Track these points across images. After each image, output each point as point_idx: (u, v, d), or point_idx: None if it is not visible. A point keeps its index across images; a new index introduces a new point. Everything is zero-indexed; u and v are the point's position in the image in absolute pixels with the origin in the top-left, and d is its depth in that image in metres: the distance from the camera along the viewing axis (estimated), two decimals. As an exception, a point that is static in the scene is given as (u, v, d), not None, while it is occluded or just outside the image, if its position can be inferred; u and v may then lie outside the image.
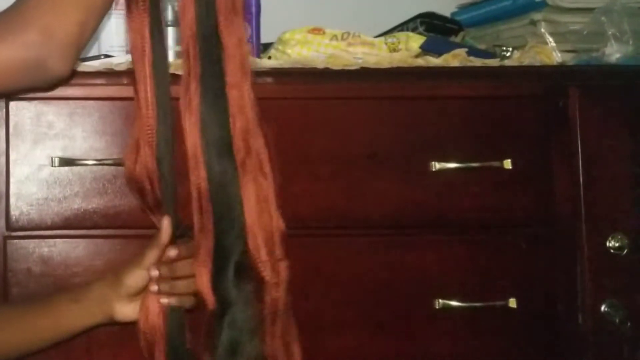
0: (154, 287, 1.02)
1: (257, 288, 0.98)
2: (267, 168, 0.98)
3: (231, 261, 0.97)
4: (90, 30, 0.92)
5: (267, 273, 0.97)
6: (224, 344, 0.97)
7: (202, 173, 0.97)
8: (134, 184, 1.02)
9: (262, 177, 0.98)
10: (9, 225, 1.13)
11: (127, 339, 1.07)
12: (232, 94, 0.97)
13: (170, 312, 1.02)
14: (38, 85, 0.98)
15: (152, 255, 1.03)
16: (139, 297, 1.04)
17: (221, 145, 0.97)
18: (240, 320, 0.97)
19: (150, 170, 1.00)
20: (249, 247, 0.97)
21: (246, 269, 0.97)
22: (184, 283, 1.02)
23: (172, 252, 1.02)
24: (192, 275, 1.00)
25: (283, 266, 0.98)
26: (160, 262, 1.02)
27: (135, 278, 1.03)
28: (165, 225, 1.02)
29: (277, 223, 0.98)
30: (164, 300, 1.02)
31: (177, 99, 0.99)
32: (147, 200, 1.02)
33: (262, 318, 0.98)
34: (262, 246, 0.97)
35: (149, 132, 1.00)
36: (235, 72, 0.97)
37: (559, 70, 1.26)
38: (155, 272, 1.02)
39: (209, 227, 0.97)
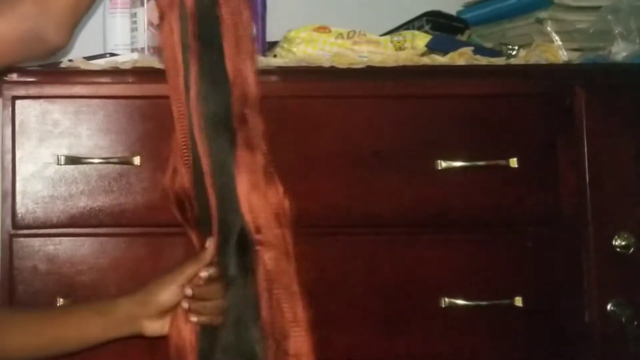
0: (185, 305, 1.02)
1: (257, 263, 1.00)
2: (262, 142, 1.00)
3: (232, 236, 0.99)
4: (87, 1, 0.94)
5: (267, 247, 0.99)
6: (227, 321, 0.99)
7: (204, 148, 0.99)
8: (174, 202, 1.04)
9: (257, 149, 1.00)
10: (15, 223, 1.14)
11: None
12: (230, 67, 0.98)
13: (201, 329, 1.03)
14: (37, 57, 0.99)
15: (189, 272, 1.03)
16: (168, 314, 1.04)
17: (220, 118, 0.99)
18: (242, 296, 0.98)
19: (187, 189, 1.02)
20: (248, 221, 0.98)
21: (246, 244, 0.99)
22: (213, 304, 1.02)
23: (204, 274, 1.02)
24: (221, 297, 1.01)
25: (288, 236, 1.00)
26: (192, 282, 1.03)
27: (169, 294, 1.03)
28: (210, 246, 1.03)
29: (275, 197, 0.99)
30: (194, 319, 1.02)
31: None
32: (187, 218, 1.04)
33: (263, 294, 0.99)
34: (256, 219, 0.98)
35: (185, 151, 1.01)
36: (232, 46, 0.99)
37: (565, 68, 1.25)
38: (189, 291, 1.02)
39: (212, 203, 0.99)
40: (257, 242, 1.00)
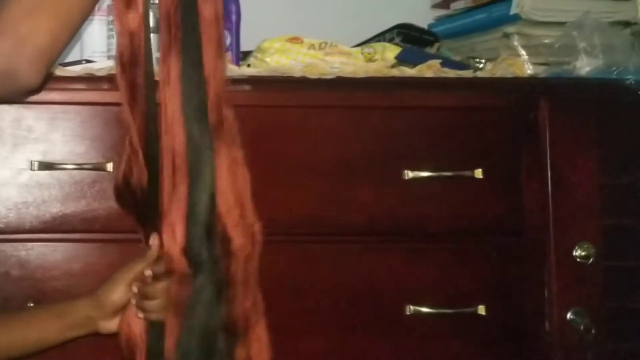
0: (133, 302, 1.07)
1: (226, 251, 1.01)
2: (237, 136, 1.02)
3: (202, 223, 1.00)
4: (63, 42, 0.93)
5: (237, 236, 1.00)
6: (193, 308, 1.01)
7: (180, 137, 1.00)
8: (127, 197, 1.06)
9: (233, 144, 1.01)
10: (-12, 228, 1.14)
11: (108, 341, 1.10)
12: (208, 63, 1.00)
13: (150, 324, 1.06)
14: (7, 95, 0.99)
15: (136, 270, 1.07)
16: (122, 311, 1.08)
17: (199, 110, 1.00)
18: (209, 285, 1.00)
19: (143, 184, 1.03)
20: (221, 210, 1.00)
21: (216, 232, 1.01)
22: (158, 301, 1.05)
23: (148, 272, 1.06)
24: (165, 293, 1.04)
25: (257, 228, 1.02)
26: (139, 280, 1.06)
27: (120, 293, 1.07)
28: (155, 243, 1.05)
29: (247, 186, 1.02)
30: (140, 315, 1.06)
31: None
32: (138, 214, 1.06)
33: (230, 282, 1.01)
34: (233, 209, 1.00)
35: (141, 145, 1.02)
36: (211, 42, 1.00)
37: (530, 82, 1.28)
38: (134, 289, 1.06)
39: (182, 189, 1.00)
40: (229, 229, 1.02)
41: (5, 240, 1.15)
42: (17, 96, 1.00)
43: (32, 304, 1.14)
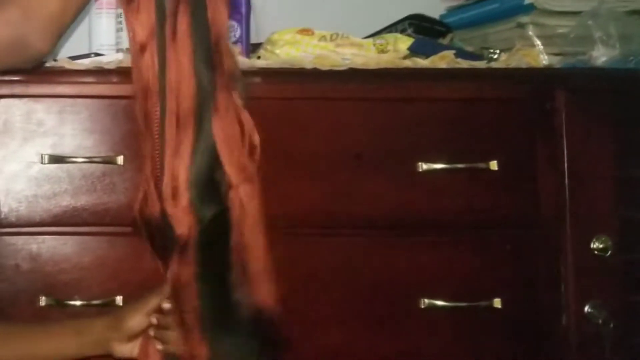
0: (151, 332, 1.06)
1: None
2: (236, 84, 0.99)
3: (208, 179, 0.97)
4: (73, 10, 0.93)
5: (238, 179, 0.97)
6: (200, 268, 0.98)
7: (190, 90, 0.96)
8: (144, 231, 1.03)
9: (233, 90, 0.98)
10: (-2, 221, 1.14)
11: None
12: (211, 8, 0.97)
13: (166, 355, 1.06)
14: (21, 63, 0.99)
15: (154, 302, 1.06)
16: (137, 338, 1.07)
17: (207, 58, 0.97)
18: (215, 244, 0.98)
19: (156, 214, 1.00)
20: (222, 163, 0.97)
21: (220, 188, 0.98)
22: (176, 333, 1.04)
23: (167, 305, 1.04)
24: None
25: (253, 168, 0.99)
26: (159, 311, 1.06)
27: (137, 322, 1.06)
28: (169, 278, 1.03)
29: (251, 136, 0.99)
30: (159, 347, 1.06)
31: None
32: (156, 247, 1.03)
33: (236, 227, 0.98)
34: (231, 158, 0.97)
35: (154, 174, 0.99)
36: None
37: (546, 72, 1.26)
38: (154, 320, 1.05)
39: (187, 145, 0.96)
40: (234, 180, 0.99)
41: (15, 233, 1.15)
42: (29, 64, 1.00)
43: (42, 297, 1.13)
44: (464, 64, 1.25)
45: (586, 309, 1.19)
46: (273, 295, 0.99)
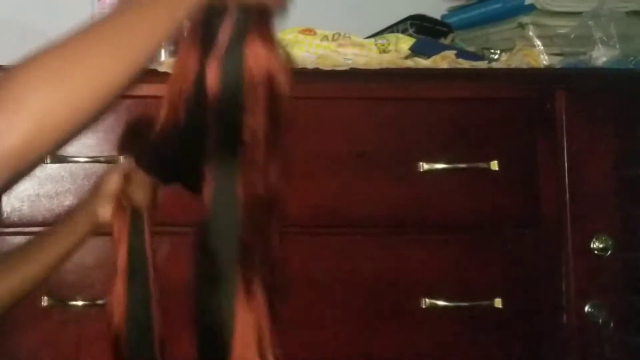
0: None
1: None
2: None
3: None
4: (46, 146, 0.76)
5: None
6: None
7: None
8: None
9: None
10: (1, 221, 1.14)
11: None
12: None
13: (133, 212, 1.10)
14: None
15: (126, 166, 1.10)
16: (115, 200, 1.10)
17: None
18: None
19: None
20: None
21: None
22: (140, 189, 1.09)
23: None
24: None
25: None
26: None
27: (113, 181, 1.09)
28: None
29: None
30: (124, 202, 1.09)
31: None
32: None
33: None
34: None
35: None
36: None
37: (546, 73, 1.27)
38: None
39: None
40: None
41: (18, 233, 1.15)
42: None
43: (45, 297, 1.14)
44: (465, 64, 1.25)
45: (586, 308, 1.19)
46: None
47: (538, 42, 1.28)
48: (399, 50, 1.27)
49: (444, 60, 1.25)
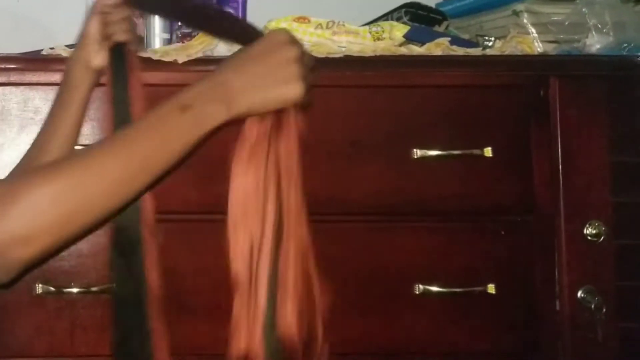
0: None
1: None
2: None
3: None
4: (51, 252, 0.86)
5: None
6: None
7: None
8: None
9: None
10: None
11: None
12: None
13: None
14: None
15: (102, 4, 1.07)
16: (106, 43, 1.07)
17: None
18: None
19: None
20: None
21: None
22: (119, 25, 1.06)
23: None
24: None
25: None
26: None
27: (94, 26, 1.07)
28: None
29: None
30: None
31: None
32: None
33: None
34: None
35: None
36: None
37: (540, 60, 1.27)
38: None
39: None
40: None
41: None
42: None
43: (39, 285, 1.14)
44: (459, 51, 1.25)
45: (579, 294, 1.19)
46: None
47: (532, 30, 1.29)
48: (393, 38, 1.27)
49: (438, 47, 1.25)
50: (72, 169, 0.84)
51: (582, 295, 1.19)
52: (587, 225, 1.20)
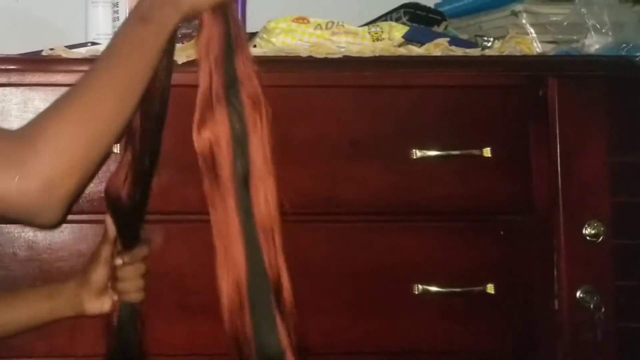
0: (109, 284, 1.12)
1: None
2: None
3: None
4: (88, 181, 0.95)
5: None
6: None
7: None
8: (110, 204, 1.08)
9: None
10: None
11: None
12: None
13: (121, 306, 1.11)
14: (15, 221, 1.02)
15: (106, 250, 1.10)
16: (105, 293, 1.11)
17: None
18: None
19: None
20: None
21: None
22: (131, 284, 1.10)
23: (118, 261, 1.10)
24: (138, 277, 1.10)
25: None
26: (111, 266, 1.10)
27: (99, 274, 1.10)
28: (108, 222, 1.10)
29: None
30: (115, 297, 1.11)
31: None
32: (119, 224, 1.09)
33: None
34: None
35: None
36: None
37: (539, 60, 1.27)
38: (119, 261, 1.10)
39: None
40: None
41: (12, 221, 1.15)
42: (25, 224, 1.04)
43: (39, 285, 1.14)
44: (458, 51, 1.25)
45: (578, 294, 1.20)
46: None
47: (531, 30, 1.28)
48: (392, 38, 1.27)
49: (437, 47, 1.25)
50: (80, 101, 0.92)
51: (581, 295, 1.19)
52: (586, 226, 1.20)
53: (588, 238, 1.20)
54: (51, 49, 1.19)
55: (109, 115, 0.93)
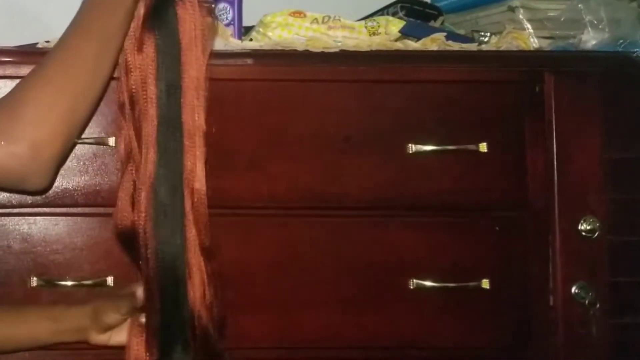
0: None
1: None
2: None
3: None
4: (72, 143, 0.96)
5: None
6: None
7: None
8: (125, 234, 1.04)
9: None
10: (-10, 203, 1.14)
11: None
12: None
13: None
14: (10, 189, 1.04)
15: (128, 304, 1.06)
16: (112, 329, 1.09)
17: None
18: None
19: (146, 221, 1.01)
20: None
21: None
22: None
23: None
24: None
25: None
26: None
27: (112, 319, 1.08)
28: (139, 294, 1.05)
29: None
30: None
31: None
32: (138, 255, 1.03)
33: None
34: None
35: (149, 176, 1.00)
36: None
37: (535, 55, 1.27)
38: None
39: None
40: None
41: (7, 214, 1.15)
42: (16, 191, 1.04)
43: (34, 278, 1.14)
44: (455, 46, 1.25)
45: (573, 289, 1.20)
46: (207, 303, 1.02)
47: (528, 25, 1.28)
48: (388, 33, 1.27)
49: (433, 42, 1.25)
50: (58, 64, 0.94)
51: (576, 290, 1.20)
52: (582, 221, 1.20)
53: (583, 234, 1.20)
54: (47, 42, 1.19)
55: (87, 75, 0.94)
